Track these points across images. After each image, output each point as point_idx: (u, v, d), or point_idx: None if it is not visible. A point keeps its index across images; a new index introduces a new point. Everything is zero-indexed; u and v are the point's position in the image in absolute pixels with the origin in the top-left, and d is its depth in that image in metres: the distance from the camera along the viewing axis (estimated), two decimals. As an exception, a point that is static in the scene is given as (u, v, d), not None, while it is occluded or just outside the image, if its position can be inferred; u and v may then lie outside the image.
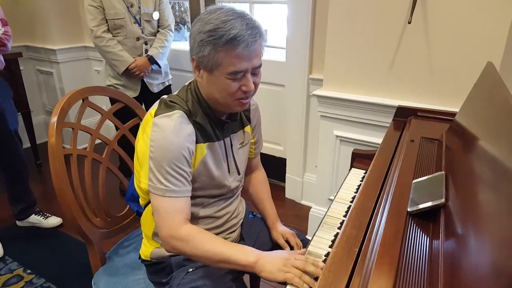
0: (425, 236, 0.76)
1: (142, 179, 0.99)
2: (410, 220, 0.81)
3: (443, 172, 0.90)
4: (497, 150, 0.69)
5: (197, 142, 1.00)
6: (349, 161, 1.54)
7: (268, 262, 0.87)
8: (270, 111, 2.58)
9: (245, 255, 0.90)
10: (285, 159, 2.59)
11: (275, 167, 2.66)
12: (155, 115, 0.97)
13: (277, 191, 2.60)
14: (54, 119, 1.15)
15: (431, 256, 0.69)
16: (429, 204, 0.80)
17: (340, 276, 0.68)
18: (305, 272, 0.83)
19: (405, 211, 0.83)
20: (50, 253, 2.08)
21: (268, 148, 2.70)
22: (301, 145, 2.43)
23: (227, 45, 0.88)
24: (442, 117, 1.40)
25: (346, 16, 1.73)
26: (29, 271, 1.94)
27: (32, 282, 1.86)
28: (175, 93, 1.06)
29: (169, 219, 0.94)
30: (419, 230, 0.78)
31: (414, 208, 0.81)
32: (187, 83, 1.07)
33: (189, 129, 0.98)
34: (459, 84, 1.56)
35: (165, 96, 1.04)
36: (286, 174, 2.58)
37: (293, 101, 2.36)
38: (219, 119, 1.05)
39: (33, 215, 2.27)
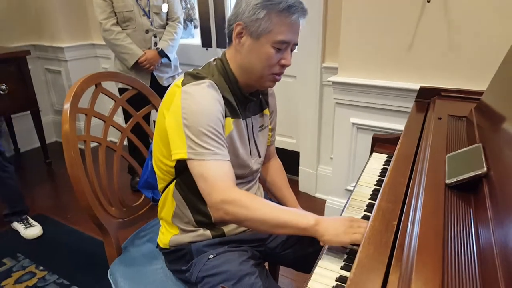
0: (468, 207, 0.70)
1: (175, 151, 0.92)
2: (449, 193, 0.75)
3: (479, 144, 0.85)
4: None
5: (225, 115, 0.97)
6: (367, 149, 1.49)
7: (331, 226, 0.83)
8: (281, 103, 2.49)
9: (304, 218, 0.86)
10: (297, 152, 2.53)
11: (288, 161, 2.59)
12: (183, 84, 0.94)
13: (291, 184, 2.53)
14: (67, 105, 1.11)
15: (477, 225, 0.64)
16: (470, 174, 0.74)
17: (381, 248, 0.64)
18: None
19: (443, 184, 0.78)
20: (62, 249, 2.05)
21: (281, 141, 2.65)
22: (314, 137, 2.38)
23: (283, 12, 0.90)
24: (467, 96, 1.35)
25: (361, -2, 1.68)
26: (41, 267, 1.91)
27: (45, 279, 1.83)
28: (199, 68, 1.02)
29: (219, 183, 0.88)
30: (460, 201, 0.73)
31: (454, 180, 0.76)
32: (211, 59, 1.04)
33: (219, 98, 0.95)
34: (482, 63, 1.50)
35: (189, 70, 1.00)
36: (300, 167, 2.53)
37: (306, 91, 2.31)
38: (244, 96, 1.02)
39: (16, 222, 2.21)
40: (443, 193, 0.75)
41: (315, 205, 2.37)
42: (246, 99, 1.03)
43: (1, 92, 2.63)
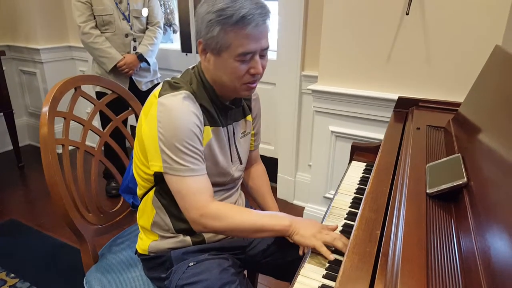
0: (449, 217, 0.72)
1: (152, 162, 0.93)
2: (430, 202, 0.77)
3: (459, 154, 0.88)
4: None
5: (204, 124, 0.96)
6: (345, 157, 1.51)
7: (302, 227, 0.90)
8: (261, 110, 2.53)
9: (279, 220, 0.93)
10: (276, 159, 2.54)
11: (266, 167, 2.59)
12: (160, 95, 0.92)
13: (269, 191, 2.55)
14: (46, 108, 1.07)
15: (459, 234, 0.66)
16: (451, 184, 0.76)
17: (365, 257, 0.64)
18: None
19: (424, 194, 0.80)
20: (34, 256, 1.97)
21: (259, 148, 2.64)
22: (293, 144, 2.39)
23: (237, 24, 0.85)
24: (444, 107, 1.39)
25: (341, 8, 1.72)
26: (12, 275, 1.83)
27: (16, 287, 1.75)
28: (178, 76, 1.01)
29: (195, 199, 0.91)
30: (441, 211, 0.74)
31: (435, 189, 0.78)
32: (190, 67, 1.02)
33: (196, 109, 0.93)
34: (459, 75, 1.56)
35: (168, 78, 0.99)
36: (278, 174, 2.54)
37: (285, 99, 2.33)
38: (223, 105, 1.01)
39: None
40: (425, 203, 0.76)
41: (293, 212, 2.32)
42: (226, 107, 1.02)
43: (-28, 93, 2.52)
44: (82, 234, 1.13)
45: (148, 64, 2.34)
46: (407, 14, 1.56)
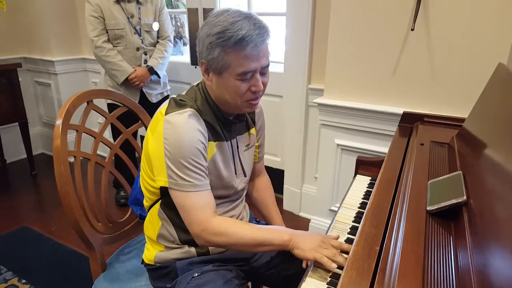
0: (448, 234, 0.74)
1: (158, 177, 0.97)
2: (430, 219, 0.79)
3: (460, 171, 0.89)
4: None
5: (208, 140, 0.99)
6: (351, 170, 1.52)
7: (302, 241, 0.91)
8: (268, 122, 2.51)
9: (279, 234, 0.94)
10: (283, 171, 2.56)
11: (273, 179, 2.60)
12: (166, 113, 0.96)
13: (275, 203, 2.56)
14: (59, 121, 1.12)
15: (457, 252, 0.67)
16: (450, 202, 0.78)
17: (363, 273, 0.66)
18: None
19: (424, 210, 0.81)
20: (46, 263, 2.02)
21: (266, 159, 2.65)
22: (299, 156, 2.41)
23: (235, 46, 0.89)
24: (449, 122, 1.40)
25: (347, 24, 1.75)
26: (24, 281, 1.88)
27: (26, 293, 1.80)
28: (184, 92, 1.05)
29: (198, 214, 0.94)
30: (441, 228, 0.76)
31: (435, 207, 0.79)
32: (195, 84, 1.06)
33: (201, 125, 0.97)
34: (463, 90, 1.57)
35: (174, 96, 1.02)
36: (284, 186, 2.55)
37: (292, 111, 2.35)
38: (226, 120, 1.04)
39: None
40: (424, 220, 0.78)
41: (299, 224, 2.38)
42: (230, 121, 1.05)
43: (-10, 103, 2.61)
44: (91, 243, 1.16)
45: (159, 76, 2.39)
46: (412, 30, 1.58)
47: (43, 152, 3.51)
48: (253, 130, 1.18)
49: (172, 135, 0.92)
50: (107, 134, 3.03)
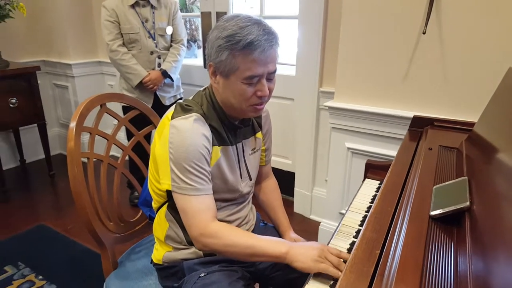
0: (449, 239, 0.74)
1: (163, 181, 1.00)
2: (432, 224, 0.79)
3: (465, 177, 0.89)
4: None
5: (212, 144, 1.01)
6: (361, 174, 1.52)
7: (300, 254, 0.88)
8: (279, 124, 2.58)
9: (276, 246, 0.91)
10: (293, 173, 2.57)
11: (283, 181, 2.62)
12: (172, 118, 0.98)
13: (285, 205, 2.51)
14: (73, 123, 1.16)
15: (457, 258, 0.67)
16: (453, 207, 0.78)
17: (361, 277, 0.67)
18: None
19: (427, 215, 0.81)
20: (62, 260, 2.08)
21: (277, 162, 2.68)
22: (310, 159, 2.42)
23: (244, 49, 0.90)
24: (459, 127, 1.39)
25: (358, 27, 1.75)
26: (40, 277, 1.94)
27: (43, 288, 1.86)
28: (190, 98, 1.07)
29: (197, 218, 0.95)
30: (442, 233, 0.76)
31: (437, 212, 0.80)
32: (201, 89, 1.08)
33: (206, 130, 0.99)
34: (474, 94, 1.55)
35: (180, 101, 1.05)
36: (295, 188, 2.56)
37: (303, 114, 2.36)
38: (232, 124, 1.06)
39: None
40: (427, 225, 0.78)
41: (309, 227, 2.38)
42: (235, 126, 1.07)
43: (11, 106, 2.71)
44: (102, 241, 1.20)
45: (172, 80, 2.44)
46: (423, 33, 1.57)
47: (61, 152, 3.61)
48: (259, 134, 1.19)
49: (177, 139, 0.95)
50: (123, 135, 3.10)
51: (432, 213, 0.81)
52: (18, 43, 3.16)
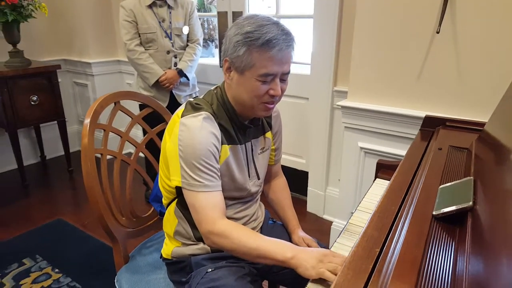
0: (450, 239, 0.74)
1: (173, 177, 1.02)
2: (435, 223, 0.79)
3: (471, 177, 0.88)
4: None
5: (221, 143, 1.02)
6: (374, 174, 1.51)
7: (305, 259, 0.87)
8: (293, 123, 2.59)
9: (282, 250, 0.90)
10: (307, 172, 2.57)
11: (297, 180, 2.65)
12: (182, 116, 1.01)
13: (299, 205, 2.58)
14: (87, 120, 1.20)
15: (457, 257, 0.67)
16: (456, 207, 0.77)
17: (359, 273, 0.67)
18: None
19: (430, 215, 0.81)
20: (78, 254, 2.15)
21: (290, 161, 2.69)
22: (324, 158, 2.42)
23: (262, 47, 0.92)
24: (472, 127, 1.37)
25: (372, 26, 1.74)
26: (57, 270, 2.01)
27: (59, 281, 1.93)
28: (201, 96, 1.09)
29: (205, 214, 0.97)
30: (444, 233, 0.76)
31: (441, 211, 0.79)
32: (212, 88, 1.10)
33: (215, 128, 1.01)
34: (489, 94, 1.52)
35: (191, 99, 1.07)
36: (308, 188, 2.56)
37: (317, 113, 2.37)
38: (242, 124, 1.07)
39: None
40: (429, 224, 0.78)
41: (322, 227, 2.38)
42: (245, 126, 1.08)
43: (33, 103, 2.80)
44: (114, 236, 1.24)
45: (188, 79, 2.47)
46: (437, 32, 1.55)
47: (80, 149, 3.70)
48: (268, 134, 1.20)
49: (186, 137, 0.97)
50: (140, 133, 3.16)
51: (435, 212, 0.81)
52: (40, 43, 3.27)
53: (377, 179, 1.45)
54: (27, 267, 2.03)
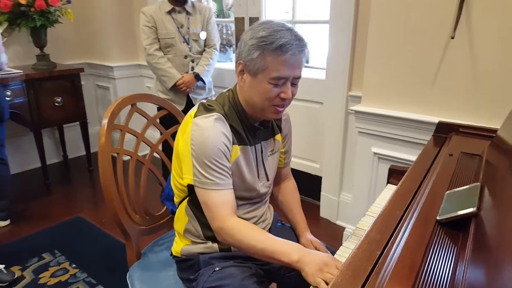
0: (453, 244, 0.74)
1: (185, 175, 1.05)
2: (438, 228, 0.79)
3: (478, 183, 0.88)
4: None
5: (232, 143, 1.05)
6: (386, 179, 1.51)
7: (308, 264, 0.87)
8: (308, 128, 2.60)
9: (289, 252, 0.91)
10: (320, 177, 2.57)
11: (310, 185, 2.65)
12: (195, 116, 1.04)
13: (312, 210, 2.58)
14: (105, 121, 1.25)
15: (457, 263, 0.67)
16: (459, 212, 0.78)
17: (358, 274, 0.68)
18: None
19: (433, 219, 0.81)
20: (94, 250, 2.22)
21: (304, 165, 2.69)
22: (338, 163, 2.41)
23: (276, 50, 0.95)
24: (487, 134, 1.35)
25: (386, 32, 1.74)
26: (74, 265, 2.08)
27: (76, 276, 2.00)
28: (213, 98, 1.12)
29: (217, 212, 1.00)
30: (447, 238, 0.76)
31: (444, 217, 0.80)
32: (225, 90, 1.13)
33: (226, 129, 1.04)
34: (505, 100, 1.50)
35: (204, 101, 1.11)
36: (321, 193, 2.56)
37: (332, 118, 2.37)
38: (252, 125, 1.10)
39: None
40: (431, 229, 0.78)
41: (335, 232, 2.37)
42: (255, 127, 1.11)
43: (57, 104, 2.92)
44: (128, 233, 1.28)
45: (204, 83, 2.53)
46: (452, 38, 1.54)
47: (101, 150, 3.81)
48: (278, 136, 1.23)
49: (198, 136, 1.00)
50: (158, 135, 3.22)
51: (439, 217, 0.81)
52: (65, 46, 3.40)
53: (388, 184, 1.45)
54: (46, 261, 2.11)
